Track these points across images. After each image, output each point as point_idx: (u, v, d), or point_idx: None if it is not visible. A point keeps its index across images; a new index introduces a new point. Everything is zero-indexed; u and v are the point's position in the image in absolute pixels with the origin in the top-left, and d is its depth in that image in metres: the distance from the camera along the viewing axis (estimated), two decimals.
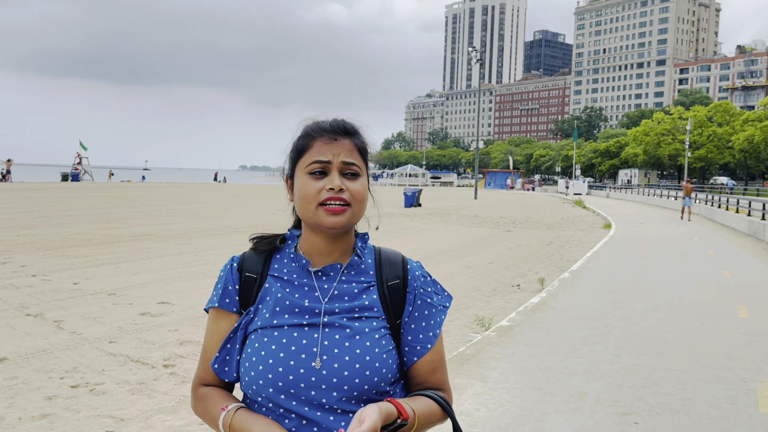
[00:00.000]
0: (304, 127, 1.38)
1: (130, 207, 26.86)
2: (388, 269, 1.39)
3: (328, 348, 1.28)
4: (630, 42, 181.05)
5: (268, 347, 1.28)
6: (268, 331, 1.30)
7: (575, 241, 17.62)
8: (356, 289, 1.35)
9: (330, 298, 1.33)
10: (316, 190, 1.29)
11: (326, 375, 1.25)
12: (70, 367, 5.36)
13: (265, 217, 23.15)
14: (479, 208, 32.92)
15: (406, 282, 1.38)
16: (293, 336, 1.29)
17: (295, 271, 1.36)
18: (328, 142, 1.32)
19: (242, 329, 1.33)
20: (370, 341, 1.30)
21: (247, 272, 1.37)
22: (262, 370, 1.27)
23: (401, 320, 1.37)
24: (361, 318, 1.32)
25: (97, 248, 12.99)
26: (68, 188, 44.24)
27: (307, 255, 1.37)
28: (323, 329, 1.30)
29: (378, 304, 1.34)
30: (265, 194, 45.14)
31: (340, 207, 1.28)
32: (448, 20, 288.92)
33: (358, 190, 1.31)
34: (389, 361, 1.31)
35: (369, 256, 1.41)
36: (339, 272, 1.35)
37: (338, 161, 1.30)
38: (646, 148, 76.89)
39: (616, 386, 5.07)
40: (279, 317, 1.31)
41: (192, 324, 6.94)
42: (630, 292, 9.33)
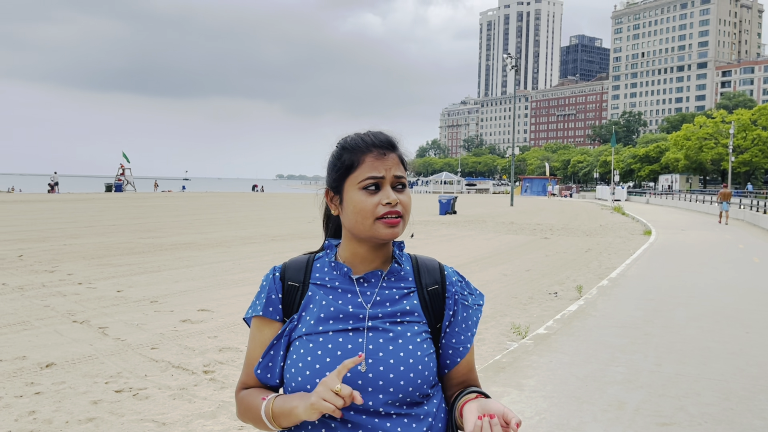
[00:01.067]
0: (349, 142, 1.42)
1: (171, 216, 27.45)
2: (426, 275, 1.44)
3: (373, 352, 1.32)
4: (670, 45, 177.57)
5: (314, 353, 1.33)
6: (313, 337, 1.35)
7: (614, 248, 17.32)
8: (397, 294, 1.40)
9: (373, 304, 1.38)
10: (372, 205, 1.34)
11: (372, 378, 1.30)
12: (115, 372, 5.52)
13: (302, 225, 23.39)
14: (515, 215, 32.63)
15: (445, 287, 1.44)
16: (338, 341, 1.33)
17: (337, 279, 1.41)
18: (379, 157, 1.37)
19: (286, 336, 1.38)
20: (413, 344, 1.34)
21: (289, 281, 1.43)
22: (309, 375, 1.31)
23: (441, 324, 1.42)
24: (403, 322, 1.37)
25: (139, 257, 13.32)
26: (112, 198, 45.45)
27: (347, 263, 1.42)
28: (367, 334, 1.34)
29: (419, 308, 1.40)
30: (301, 203, 45.59)
31: (396, 219, 1.35)
32: (483, 27, 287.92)
33: (406, 201, 1.38)
34: (430, 363, 1.36)
35: (406, 263, 1.46)
36: (380, 279, 1.41)
37: (390, 176, 1.37)
38: (687, 152, 75.15)
39: (657, 396, 4.98)
40: (324, 323, 1.36)
41: (231, 331, 7.07)
42: (671, 300, 9.14)
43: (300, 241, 17.17)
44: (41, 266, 11.68)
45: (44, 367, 5.62)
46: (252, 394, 1.40)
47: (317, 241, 1.53)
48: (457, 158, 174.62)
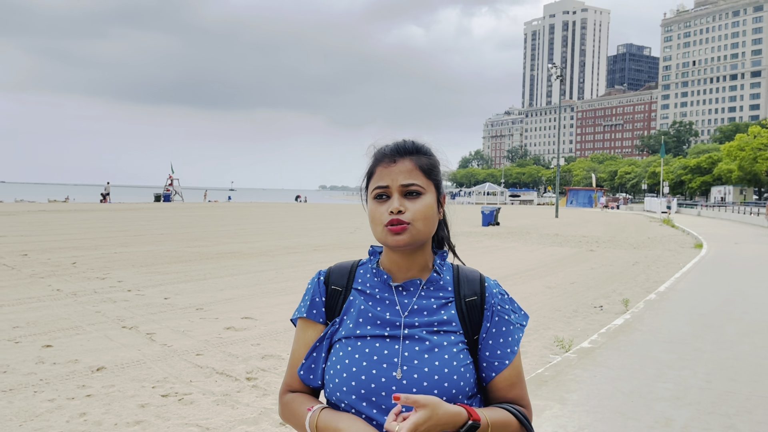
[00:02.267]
0: (372, 151, 1.47)
1: (217, 226, 28.02)
2: (465, 286, 1.44)
3: (408, 359, 1.34)
4: (722, 53, 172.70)
5: (352, 356, 1.36)
6: (351, 341, 1.38)
7: (663, 261, 16.87)
8: (435, 304, 1.41)
9: (410, 312, 1.39)
10: (380, 213, 1.38)
11: (406, 385, 1.31)
12: (161, 377, 5.67)
13: (344, 235, 23.55)
14: (560, 227, 32.13)
15: (484, 299, 1.43)
16: (375, 346, 1.36)
17: (377, 286, 1.44)
18: (388, 165, 1.40)
19: (328, 338, 1.43)
20: (449, 354, 1.35)
21: (333, 285, 1.47)
22: (345, 378, 1.34)
23: (479, 336, 1.41)
24: (439, 332, 1.38)
25: (185, 265, 13.64)
26: (160, 208, 46.68)
27: (387, 270, 1.45)
28: (404, 341, 1.36)
29: (456, 319, 1.40)
30: (344, 213, 45.93)
31: (400, 227, 1.35)
32: (527, 37, 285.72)
33: (418, 209, 1.37)
34: (467, 374, 1.36)
35: (447, 272, 1.47)
36: (419, 288, 1.42)
37: (396, 184, 1.38)
38: (741, 163, 72.67)
39: (706, 413, 4.83)
40: (362, 328, 1.39)
41: (273, 339, 7.16)
42: (723, 315, 8.85)
43: (342, 251, 17.29)
44: (93, 273, 12.08)
45: (95, 371, 5.81)
46: (298, 400, 1.43)
47: (359, 251, 1.58)
48: (501, 169, 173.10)
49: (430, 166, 1.43)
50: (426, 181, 1.41)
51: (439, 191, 1.45)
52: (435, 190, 1.43)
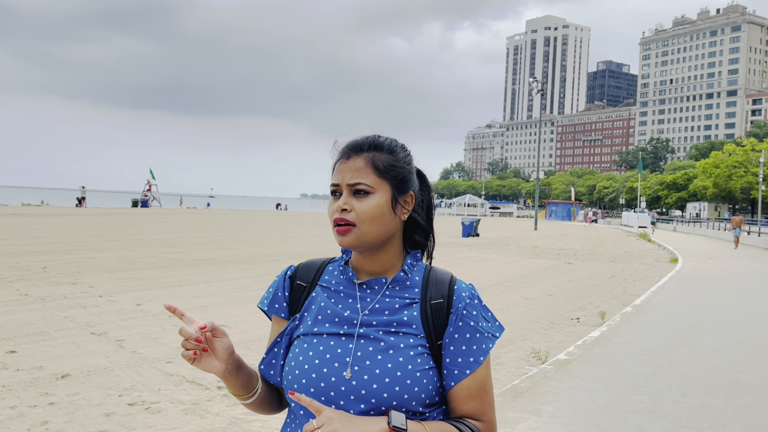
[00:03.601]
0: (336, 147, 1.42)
1: (195, 232, 27.71)
2: (433, 288, 1.36)
3: (360, 359, 1.28)
4: (699, 72, 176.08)
5: (306, 353, 1.31)
6: (308, 338, 1.33)
7: (639, 274, 17.00)
8: (398, 304, 1.34)
9: (370, 311, 1.33)
10: (330, 211, 1.35)
11: (355, 386, 1.25)
12: (129, 385, 5.51)
13: (324, 244, 23.41)
14: (539, 239, 32.30)
15: (451, 302, 1.34)
16: (330, 344, 1.31)
17: (342, 283, 1.39)
18: (342, 163, 1.36)
19: (287, 335, 1.38)
20: (404, 357, 1.27)
21: (298, 281, 1.43)
22: (298, 375, 1.30)
23: (441, 341, 1.33)
24: (397, 333, 1.31)
25: (160, 271, 13.42)
26: (138, 214, 46.10)
27: (354, 269, 1.40)
28: (358, 340, 1.30)
29: (418, 321, 1.32)
30: (324, 222, 45.70)
31: (344, 227, 1.31)
32: (509, 51, 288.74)
33: (364, 209, 1.30)
34: (423, 380, 1.27)
35: (417, 273, 1.39)
36: (383, 286, 1.36)
37: (345, 183, 1.33)
38: (716, 180, 73.95)
39: (680, 427, 4.81)
40: (320, 325, 1.34)
41: (247, 347, 7.03)
42: (697, 329, 8.89)
43: None
44: (64, 278, 11.82)
45: (60, 378, 5.63)
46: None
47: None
48: (482, 181, 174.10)
49: (388, 164, 1.34)
50: (377, 180, 1.32)
51: (400, 190, 1.35)
52: (390, 189, 1.34)
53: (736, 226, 31.03)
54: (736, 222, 31.12)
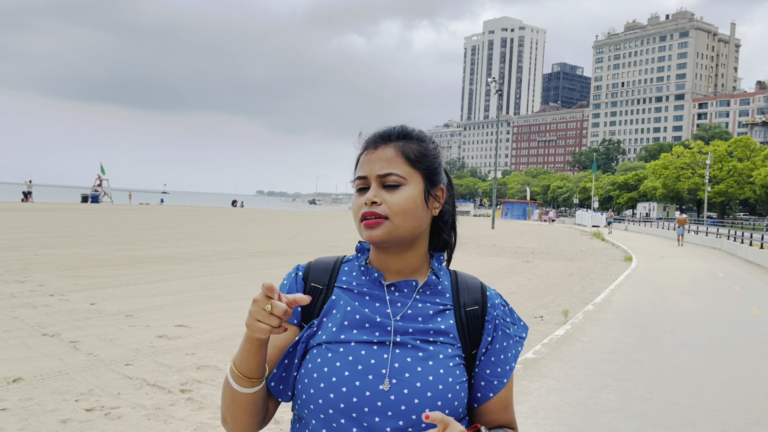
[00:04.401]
0: (361, 139, 1.31)
1: (149, 229, 26.98)
2: (466, 293, 1.27)
3: (398, 371, 1.15)
4: (649, 76, 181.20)
5: (332, 364, 1.16)
6: (333, 346, 1.18)
7: (596, 273, 17.31)
8: (431, 310, 1.23)
9: (403, 317, 1.21)
10: (357, 206, 1.23)
11: (394, 401, 1.13)
12: (86, 389, 5.23)
13: (283, 242, 23.10)
14: (497, 238, 32.64)
15: (485, 309, 1.26)
16: (361, 354, 1.17)
17: (366, 285, 1.26)
18: (369, 153, 1.25)
19: (303, 343, 1.22)
20: (444, 369, 1.17)
21: (312, 282, 1.28)
22: (323, 389, 1.15)
23: (477, 351, 1.24)
24: (435, 342, 1.20)
25: (114, 269, 12.96)
26: (88, 209, 44.69)
27: (377, 269, 1.27)
28: (393, 350, 1.17)
29: (454, 330, 1.22)
30: (283, 219, 45.24)
31: (374, 221, 1.19)
32: (467, 52, 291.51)
33: (396, 201, 1.20)
34: (461, 393, 1.18)
35: (445, 277, 1.29)
36: (414, 290, 1.24)
37: (374, 174, 1.22)
38: (665, 181, 76.26)
39: (651, 425, 4.83)
40: (346, 332, 1.20)
41: (210, 348, 6.80)
42: (658, 327, 9.05)
43: (281, 258, 16.90)
44: (11, 276, 11.28)
45: (11, 382, 5.31)
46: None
47: (299, 258, 1.37)
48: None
49: (419, 153, 1.25)
50: (409, 171, 1.22)
51: (432, 182, 1.26)
52: (423, 181, 1.24)
53: (681, 225, 33.18)
54: (681, 221, 33.33)
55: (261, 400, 1.21)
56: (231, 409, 1.20)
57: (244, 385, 1.17)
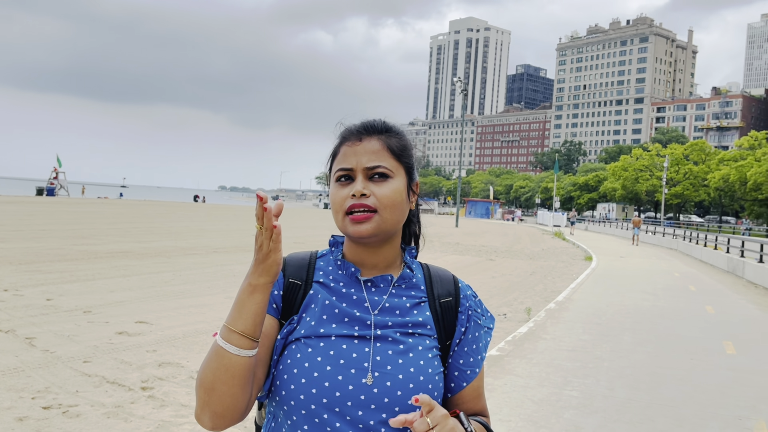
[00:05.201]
0: (339, 130, 1.29)
1: (107, 223, 26.37)
2: (439, 285, 1.29)
3: (380, 364, 1.15)
4: (609, 79, 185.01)
5: (312, 359, 1.15)
6: (313, 341, 1.17)
7: (557, 271, 17.59)
8: (408, 303, 1.24)
9: (381, 311, 1.21)
10: (341, 198, 1.20)
11: (377, 393, 1.13)
12: (42, 387, 5.08)
13: (246, 238, 22.84)
14: (461, 236, 32.90)
15: (458, 300, 1.28)
16: (342, 348, 1.16)
17: (342, 279, 1.25)
18: (353, 145, 1.23)
19: (282, 339, 1.19)
20: (424, 360, 1.18)
21: (291, 278, 1.25)
22: (305, 384, 1.13)
23: (451, 341, 1.26)
24: (414, 334, 1.21)
25: (71, 264, 12.62)
26: (43, 203, 43.44)
27: (353, 263, 1.26)
28: (375, 343, 1.17)
29: (431, 321, 1.24)
30: (246, 215, 44.70)
31: (363, 214, 1.17)
32: (433, 51, 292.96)
33: (385, 194, 1.19)
34: (440, 384, 1.20)
35: (417, 270, 1.31)
36: (390, 284, 1.24)
37: (361, 166, 1.21)
38: (624, 183, 78.00)
39: (612, 421, 4.93)
40: (326, 326, 1.19)
41: (171, 345, 6.68)
42: (617, 325, 9.25)
43: (244, 254, 16.71)
44: None
45: None
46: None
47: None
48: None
49: (402, 147, 1.26)
50: (395, 164, 1.23)
51: (410, 177, 1.27)
52: (405, 175, 1.25)
53: (636, 225, 35.11)
54: (636, 222, 35.36)
55: (253, 368, 1.11)
56: (222, 381, 1.06)
57: (240, 344, 1.06)
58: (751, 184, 58.51)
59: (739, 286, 16.05)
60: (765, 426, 5.00)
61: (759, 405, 5.57)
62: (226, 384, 1.07)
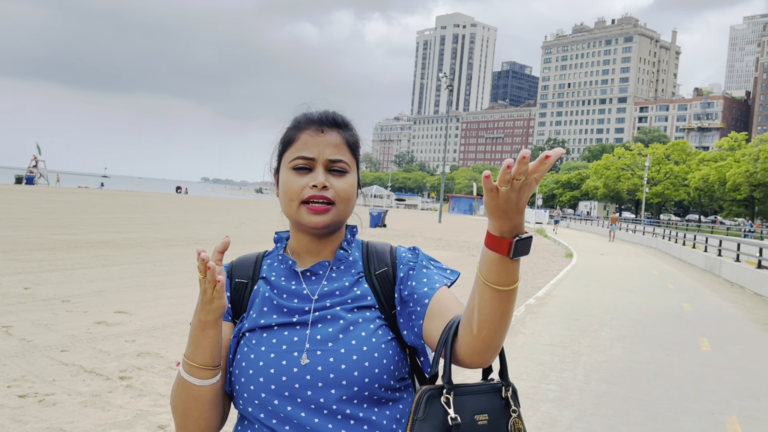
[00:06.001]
0: (294, 117, 1.30)
1: (87, 213, 26.10)
2: (375, 260, 1.29)
3: (321, 342, 1.17)
4: (594, 78, 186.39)
5: (257, 349, 1.18)
6: (256, 333, 1.21)
7: (538, 268, 17.73)
8: (347, 282, 1.26)
9: (320, 295, 1.23)
10: (299, 187, 1.21)
11: (321, 371, 1.14)
12: (19, 375, 5.03)
13: (228, 230, 22.74)
14: (443, 232, 33.01)
15: (395, 267, 1.28)
16: (283, 335, 1.19)
17: (282, 273, 1.28)
18: (314, 135, 1.24)
19: (235, 337, 1.24)
20: (366, 331, 1.19)
21: (237, 278, 1.30)
22: (252, 375, 1.16)
23: (396, 310, 1.24)
24: (354, 309, 1.22)
25: (50, 253, 12.48)
26: (22, 191, 42.86)
27: (295, 255, 1.29)
28: (313, 325, 1.20)
29: (370, 293, 1.25)
30: (228, 207, 44.51)
31: (322, 206, 1.20)
32: (419, 46, 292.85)
33: (343, 188, 1.22)
34: (389, 351, 1.19)
35: (356, 249, 1.32)
36: (327, 270, 1.26)
37: (323, 158, 1.22)
38: (606, 181, 78.75)
39: (588, 414, 5.00)
40: (266, 317, 1.22)
41: (151, 335, 6.64)
42: (595, 321, 9.36)
43: None
44: None
45: None
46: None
47: (245, 246, 1.36)
48: (388, 173, 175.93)
49: (355, 143, 1.30)
50: (351, 159, 1.27)
51: (358, 172, 1.31)
52: (356, 170, 1.29)
53: (613, 222, 37.54)
54: (613, 219, 37.80)
55: (221, 390, 1.21)
56: (194, 408, 1.17)
57: (202, 376, 1.15)
58: (730, 185, 59.42)
59: (716, 285, 16.30)
60: (737, 420, 5.10)
61: (731, 400, 5.68)
62: (197, 411, 1.17)
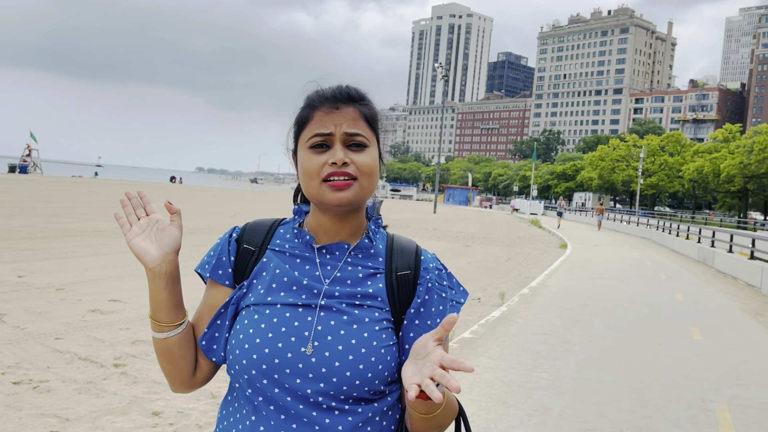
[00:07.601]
0: (306, 96, 1.27)
1: (82, 202, 26.03)
2: (399, 258, 1.25)
3: (321, 333, 1.15)
4: (589, 69, 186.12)
5: (257, 325, 1.16)
6: (260, 308, 1.18)
7: (532, 258, 17.80)
8: (361, 274, 1.22)
9: (332, 280, 1.20)
10: (318, 165, 1.18)
11: (315, 363, 1.13)
12: (13, 362, 5.05)
13: (223, 219, 22.72)
14: (438, 223, 33.06)
15: (418, 273, 1.24)
16: (285, 316, 1.17)
17: (297, 247, 1.24)
18: (329, 111, 1.21)
19: (233, 305, 1.22)
20: (369, 332, 1.16)
21: (245, 244, 1.26)
22: (247, 350, 1.15)
23: (406, 314, 1.22)
24: (362, 306, 1.19)
25: (44, 242, 12.46)
26: (16, 180, 42.68)
27: (312, 232, 1.26)
28: (319, 312, 1.17)
29: (383, 294, 1.21)
30: (223, 197, 44.44)
31: (344, 182, 1.17)
32: (415, 36, 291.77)
33: (365, 162, 1.19)
34: (387, 357, 1.17)
35: (381, 241, 1.28)
36: (345, 253, 1.23)
37: (340, 132, 1.20)
38: (601, 172, 78.87)
39: (579, 402, 5.05)
40: (274, 294, 1.19)
41: (145, 323, 6.65)
42: (588, 311, 9.42)
43: (220, 235, 16.60)
44: None
45: None
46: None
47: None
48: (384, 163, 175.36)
49: (373, 116, 1.26)
50: (370, 133, 1.23)
51: (380, 146, 1.28)
52: (377, 144, 1.26)
53: (600, 213, 40.34)
54: (600, 210, 40.71)
55: (181, 347, 1.22)
56: (158, 359, 1.25)
57: (156, 330, 1.21)
58: (724, 176, 59.61)
59: (708, 275, 16.41)
60: (726, 408, 5.16)
61: (722, 388, 5.74)
62: (162, 364, 1.25)
